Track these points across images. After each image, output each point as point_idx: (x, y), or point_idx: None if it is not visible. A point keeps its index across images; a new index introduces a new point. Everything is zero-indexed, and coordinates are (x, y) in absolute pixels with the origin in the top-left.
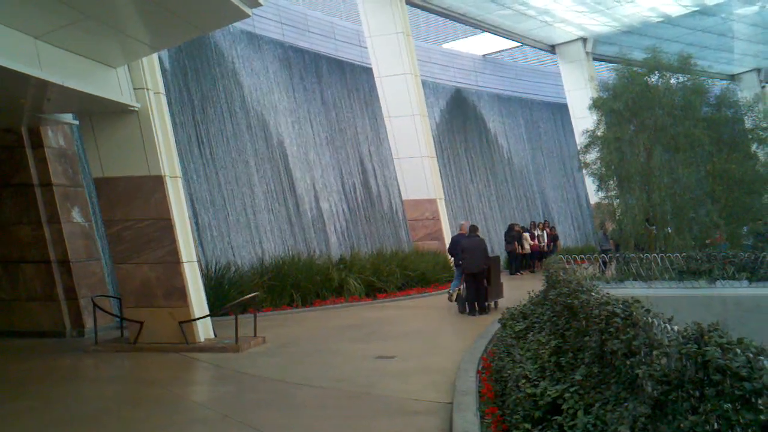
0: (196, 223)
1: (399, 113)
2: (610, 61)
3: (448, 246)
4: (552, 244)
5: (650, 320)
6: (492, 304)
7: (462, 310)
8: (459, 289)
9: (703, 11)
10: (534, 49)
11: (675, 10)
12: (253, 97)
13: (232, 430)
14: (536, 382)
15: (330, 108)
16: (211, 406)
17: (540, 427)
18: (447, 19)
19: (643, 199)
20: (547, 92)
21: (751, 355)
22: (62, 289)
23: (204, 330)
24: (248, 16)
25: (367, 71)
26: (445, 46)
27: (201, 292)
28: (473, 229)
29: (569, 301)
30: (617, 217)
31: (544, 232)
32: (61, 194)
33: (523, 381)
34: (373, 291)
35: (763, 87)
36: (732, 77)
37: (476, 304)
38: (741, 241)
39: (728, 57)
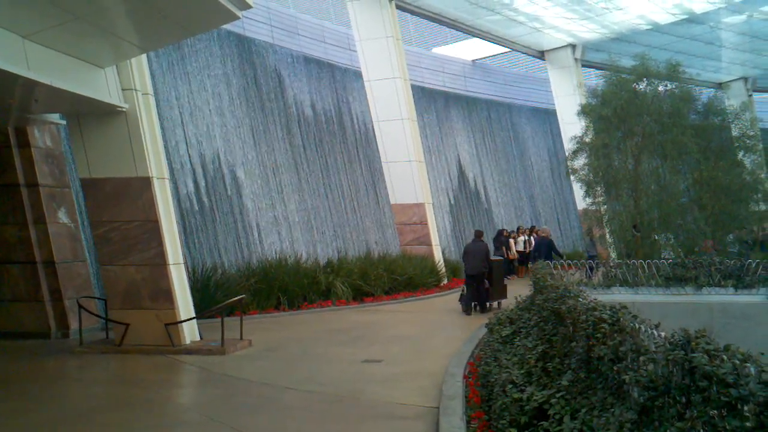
0: (183, 225)
1: (388, 117)
2: (599, 68)
3: None
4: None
5: (637, 326)
6: (495, 304)
7: (465, 310)
8: (462, 290)
9: (692, 19)
10: (523, 54)
11: (663, 18)
12: (243, 99)
13: None
14: (523, 387)
15: (318, 110)
16: (196, 409)
17: None
18: (437, 24)
19: (630, 205)
20: (536, 98)
21: (737, 362)
22: (47, 290)
23: (190, 332)
24: (238, 18)
25: (357, 75)
26: (435, 50)
27: (187, 294)
28: (478, 234)
29: (556, 306)
30: (604, 223)
31: (531, 237)
32: (47, 195)
33: (510, 386)
34: (360, 295)
35: (750, 95)
36: (719, 85)
37: (476, 304)
38: (727, 248)
39: (716, 65)
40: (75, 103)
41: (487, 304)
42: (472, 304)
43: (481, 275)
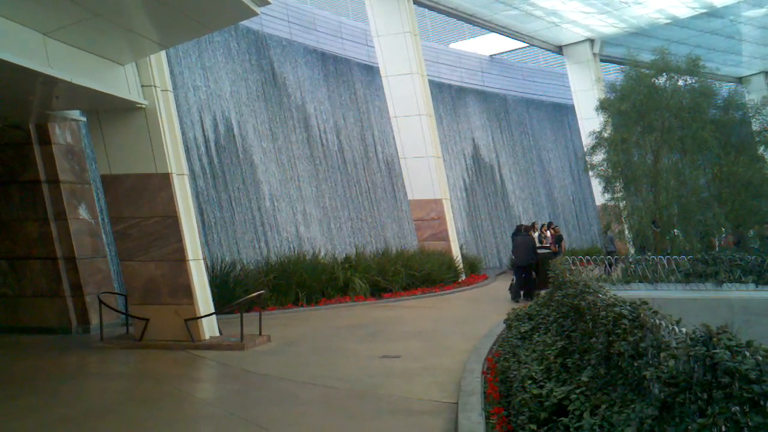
0: (202, 221)
1: (405, 113)
2: (618, 63)
3: None
4: (557, 245)
5: (658, 322)
6: (541, 293)
7: (514, 298)
8: (512, 280)
9: (711, 13)
10: (541, 49)
11: (683, 12)
12: (260, 95)
13: (238, 427)
14: (542, 383)
15: (336, 106)
16: (216, 404)
17: (546, 428)
18: (454, 19)
19: (649, 201)
20: (554, 93)
21: (760, 358)
22: (68, 286)
23: (209, 328)
24: (256, 14)
25: (374, 70)
26: (453, 46)
27: (207, 289)
28: (525, 228)
29: (576, 302)
30: (623, 219)
31: (548, 232)
32: (68, 191)
33: (529, 382)
34: (378, 290)
35: None
36: (740, 80)
37: (524, 292)
38: (748, 243)
39: (736, 59)
40: (95, 99)
41: (534, 292)
42: (521, 292)
43: (528, 266)
